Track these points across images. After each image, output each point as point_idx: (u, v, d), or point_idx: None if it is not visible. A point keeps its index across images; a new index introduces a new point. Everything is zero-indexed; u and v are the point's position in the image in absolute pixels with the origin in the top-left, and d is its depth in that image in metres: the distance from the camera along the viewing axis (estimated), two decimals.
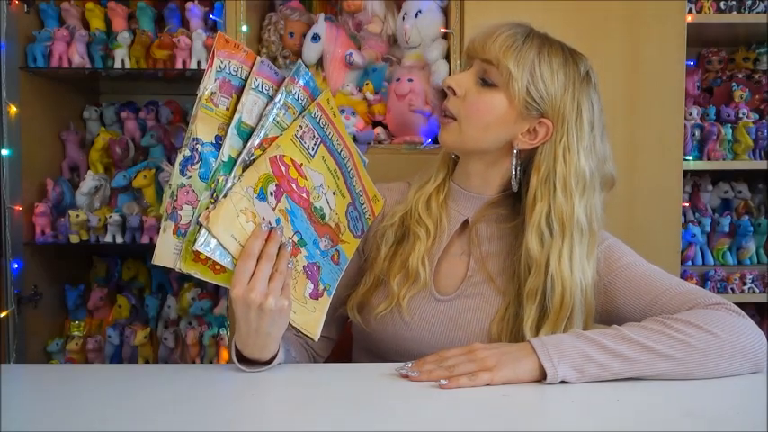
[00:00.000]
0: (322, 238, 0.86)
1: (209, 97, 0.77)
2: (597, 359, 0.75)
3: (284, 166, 0.80)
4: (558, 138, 0.90)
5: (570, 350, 0.76)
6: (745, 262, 1.92)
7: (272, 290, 0.74)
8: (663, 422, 0.65)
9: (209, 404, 0.70)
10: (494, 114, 0.91)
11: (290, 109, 0.82)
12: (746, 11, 1.81)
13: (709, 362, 0.77)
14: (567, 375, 0.74)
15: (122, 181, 1.94)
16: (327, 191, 0.87)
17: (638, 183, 1.63)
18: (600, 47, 1.62)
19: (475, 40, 0.92)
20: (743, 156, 1.86)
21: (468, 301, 0.95)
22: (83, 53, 1.89)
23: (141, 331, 1.94)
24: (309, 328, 0.83)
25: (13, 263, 1.81)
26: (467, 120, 0.92)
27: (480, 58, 0.91)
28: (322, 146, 0.86)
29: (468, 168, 0.97)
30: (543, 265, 0.89)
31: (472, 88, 0.92)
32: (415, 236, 0.96)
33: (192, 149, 0.76)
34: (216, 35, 0.78)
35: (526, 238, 0.90)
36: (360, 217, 0.94)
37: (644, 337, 0.77)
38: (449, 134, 0.94)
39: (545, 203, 0.89)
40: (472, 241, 0.97)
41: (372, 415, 0.67)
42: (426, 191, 0.99)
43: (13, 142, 1.80)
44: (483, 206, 0.97)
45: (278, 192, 0.79)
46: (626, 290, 0.91)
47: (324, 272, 0.86)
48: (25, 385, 0.78)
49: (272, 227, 0.77)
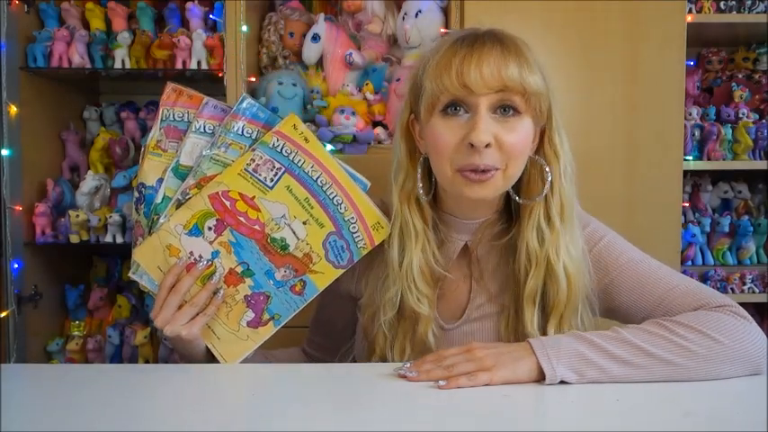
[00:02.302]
0: (280, 268, 0.87)
1: (155, 145, 0.88)
2: (596, 362, 0.75)
3: (229, 201, 0.84)
4: (552, 129, 0.87)
5: (569, 351, 0.75)
6: (745, 262, 1.92)
7: (174, 319, 0.84)
8: (663, 422, 0.64)
9: (209, 404, 0.70)
10: (529, 142, 0.85)
11: (232, 145, 0.85)
12: (746, 11, 1.81)
13: (710, 367, 0.76)
14: (565, 376, 0.74)
15: (122, 181, 1.94)
16: (293, 221, 0.86)
17: (638, 183, 1.63)
18: (600, 47, 1.62)
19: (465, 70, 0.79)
20: (743, 156, 1.86)
21: (474, 325, 0.92)
22: (83, 53, 1.88)
23: (141, 331, 1.94)
24: (227, 355, 0.88)
25: (13, 263, 1.80)
26: (513, 163, 0.83)
27: (492, 91, 0.80)
28: (287, 175, 0.85)
29: (477, 206, 0.90)
30: (543, 262, 0.86)
31: (498, 130, 0.81)
32: (417, 315, 0.88)
33: (139, 191, 0.89)
34: (168, 91, 0.89)
35: (526, 239, 0.87)
36: (348, 246, 0.88)
37: (644, 341, 0.76)
38: (490, 187, 0.83)
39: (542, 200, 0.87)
40: (473, 263, 0.93)
41: (371, 415, 0.67)
42: (414, 255, 0.87)
43: (13, 142, 1.80)
44: (480, 227, 0.92)
45: (219, 226, 0.85)
46: (628, 291, 0.89)
47: (274, 302, 0.88)
48: (25, 385, 0.78)
49: (194, 261, 0.84)
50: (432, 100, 0.83)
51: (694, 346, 0.76)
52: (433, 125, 0.84)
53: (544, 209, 0.87)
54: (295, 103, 1.66)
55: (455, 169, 0.82)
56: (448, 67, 0.80)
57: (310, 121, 1.67)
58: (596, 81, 1.63)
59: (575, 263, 0.87)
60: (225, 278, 0.86)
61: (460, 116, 0.82)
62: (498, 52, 0.80)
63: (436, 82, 0.81)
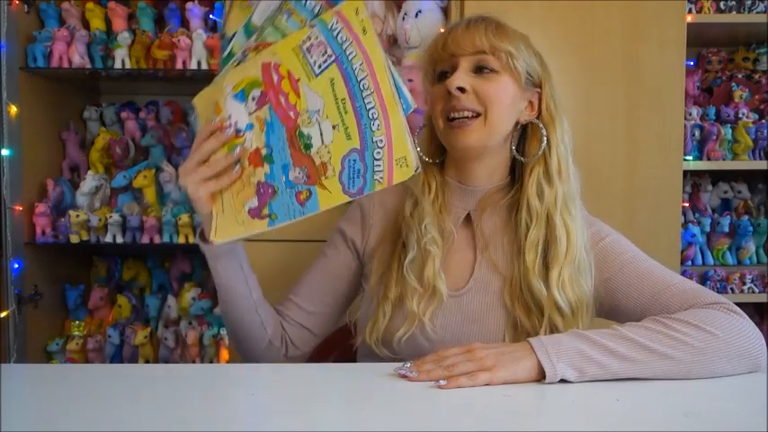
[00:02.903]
0: (296, 167, 0.78)
1: None
2: (596, 358, 0.76)
3: (277, 76, 0.77)
4: (548, 97, 0.96)
5: (569, 349, 0.76)
6: (745, 262, 1.92)
7: (190, 173, 0.85)
8: (663, 422, 0.65)
9: (210, 404, 0.70)
10: (509, 96, 0.93)
11: (293, 15, 0.77)
12: (746, 11, 1.81)
13: (708, 362, 0.77)
14: (566, 374, 0.75)
15: (122, 181, 1.94)
16: (324, 120, 0.75)
17: (638, 183, 1.63)
18: (600, 47, 1.62)
19: (450, 41, 0.93)
20: (743, 156, 1.86)
21: (480, 294, 0.94)
22: (83, 53, 1.89)
23: (141, 331, 1.94)
24: (219, 231, 0.84)
25: (13, 263, 1.81)
26: (491, 108, 0.91)
27: (468, 53, 0.92)
28: (334, 65, 0.74)
29: (474, 167, 0.97)
30: (544, 215, 0.92)
31: (475, 81, 0.91)
32: (426, 253, 0.93)
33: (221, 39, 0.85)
34: None
35: (527, 195, 0.93)
36: (364, 173, 0.75)
37: (643, 337, 0.78)
38: (473, 133, 0.91)
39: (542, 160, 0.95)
40: (476, 234, 0.97)
41: (371, 415, 0.67)
42: (424, 206, 0.96)
43: (14, 142, 1.80)
44: (484, 197, 0.97)
45: (261, 99, 0.79)
46: (627, 285, 0.92)
47: (278, 200, 0.79)
48: (25, 385, 0.78)
49: (228, 126, 0.81)
50: (428, 71, 0.97)
51: (691, 339, 0.78)
52: (431, 91, 0.97)
53: (543, 167, 0.94)
54: None
55: (444, 119, 0.93)
56: (440, 41, 0.95)
57: None
58: (596, 81, 1.63)
59: (574, 221, 0.93)
60: (249, 156, 0.80)
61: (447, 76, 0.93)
62: (480, 25, 0.93)
63: (429, 54, 0.96)
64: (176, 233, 1.88)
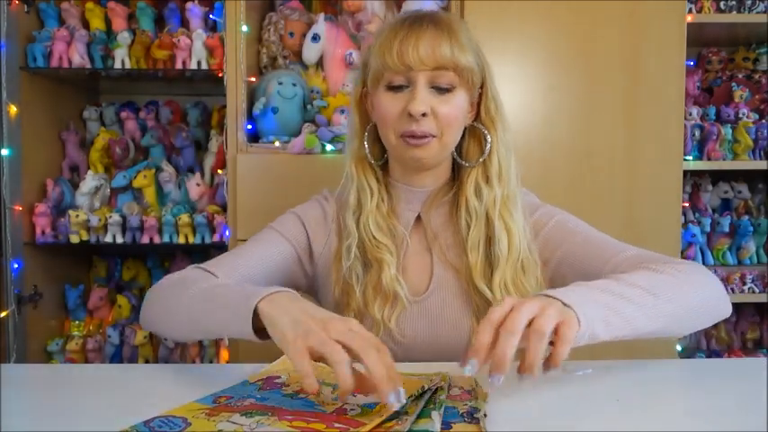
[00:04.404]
0: None
1: None
2: (610, 304, 0.72)
3: None
4: (488, 98, 0.95)
5: (586, 299, 0.70)
6: (745, 262, 1.92)
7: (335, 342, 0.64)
8: (663, 422, 0.65)
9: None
10: (463, 111, 0.92)
11: None
12: (746, 11, 1.81)
13: (682, 292, 0.78)
14: (595, 324, 0.68)
15: (122, 181, 1.94)
16: None
17: (638, 183, 1.63)
18: (600, 47, 1.62)
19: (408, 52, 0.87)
20: (743, 156, 1.86)
21: (442, 294, 0.94)
22: (83, 53, 1.89)
23: (141, 331, 1.94)
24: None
25: (13, 263, 1.81)
26: (448, 131, 0.91)
27: (428, 69, 0.87)
28: None
29: (424, 173, 0.96)
30: (483, 215, 0.93)
31: (434, 101, 0.89)
32: (379, 261, 0.93)
33: None
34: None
35: (465, 195, 0.94)
36: None
37: (639, 279, 0.77)
38: (429, 150, 0.91)
39: (481, 163, 0.95)
40: (428, 235, 0.97)
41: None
42: (368, 212, 0.94)
43: (13, 142, 1.80)
44: (430, 197, 0.97)
45: None
46: (581, 254, 0.91)
47: None
48: (25, 385, 0.78)
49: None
50: (377, 76, 0.91)
51: (663, 275, 0.79)
52: (379, 98, 0.92)
53: (482, 171, 0.95)
54: (295, 103, 1.66)
55: (398, 135, 0.91)
56: (390, 48, 0.89)
57: (310, 121, 1.67)
58: (596, 81, 1.63)
59: (515, 221, 0.93)
60: None
61: (402, 90, 0.90)
62: (432, 32, 0.88)
63: (380, 60, 0.90)
64: (176, 233, 1.88)
